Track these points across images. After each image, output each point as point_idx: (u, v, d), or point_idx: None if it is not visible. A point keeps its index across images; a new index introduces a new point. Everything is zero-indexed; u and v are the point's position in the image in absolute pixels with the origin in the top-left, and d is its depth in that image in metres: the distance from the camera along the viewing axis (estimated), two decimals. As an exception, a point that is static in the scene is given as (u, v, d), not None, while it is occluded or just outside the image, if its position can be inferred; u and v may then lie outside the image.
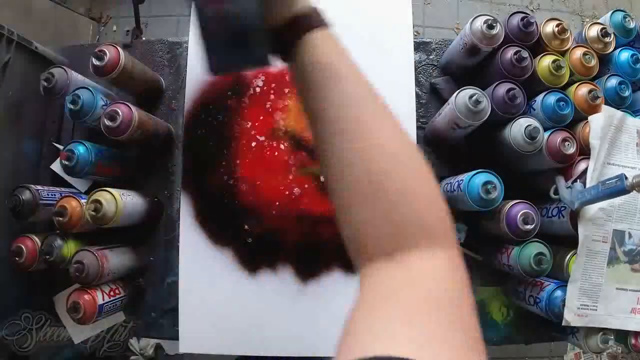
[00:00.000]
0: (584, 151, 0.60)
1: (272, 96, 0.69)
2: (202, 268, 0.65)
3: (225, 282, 0.65)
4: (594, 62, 0.62)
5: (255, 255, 0.66)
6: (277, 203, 0.66)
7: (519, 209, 0.57)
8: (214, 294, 0.65)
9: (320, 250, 0.65)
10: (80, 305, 0.56)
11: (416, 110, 0.68)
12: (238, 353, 0.64)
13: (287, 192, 0.66)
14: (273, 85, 0.69)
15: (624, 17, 0.66)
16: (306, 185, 0.66)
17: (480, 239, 0.67)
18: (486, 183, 0.56)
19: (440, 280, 0.26)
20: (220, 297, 0.65)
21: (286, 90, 0.69)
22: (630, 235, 0.59)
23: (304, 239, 0.65)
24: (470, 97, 0.56)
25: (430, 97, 0.74)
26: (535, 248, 0.57)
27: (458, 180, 0.60)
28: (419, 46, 0.75)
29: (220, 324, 0.64)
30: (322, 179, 0.66)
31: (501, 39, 0.61)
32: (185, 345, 0.64)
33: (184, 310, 0.64)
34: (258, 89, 0.69)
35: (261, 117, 0.68)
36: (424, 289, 0.25)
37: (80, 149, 0.60)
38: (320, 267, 0.65)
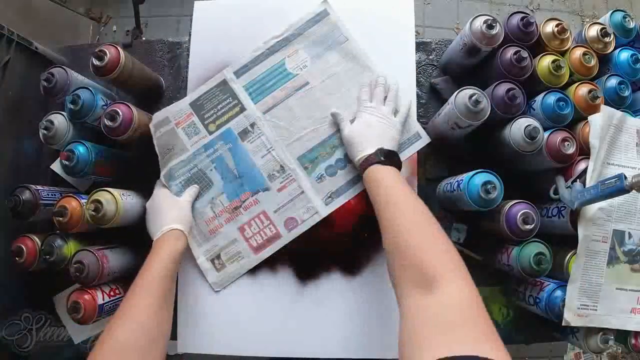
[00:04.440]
0: (584, 151, 0.60)
1: (272, 96, 0.69)
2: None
3: (225, 282, 0.65)
4: (593, 62, 0.62)
5: (255, 255, 0.66)
6: (277, 203, 0.66)
7: (519, 209, 0.57)
8: (213, 294, 0.65)
9: (320, 251, 0.65)
10: (80, 305, 0.56)
11: (416, 110, 0.68)
12: (237, 353, 0.64)
13: (287, 192, 0.66)
14: (273, 85, 0.69)
15: (624, 17, 0.65)
16: (306, 185, 0.66)
17: (480, 239, 0.67)
18: (486, 183, 0.56)
19: (463, 300, 0.38)
20: (219, 298, 0.65)
21: (286, 90, 0.69)
22: (630, 235, 0.59)
23: (303, 240, 0.65)
24: (470, 97, 0.56)
25: (430, 97, 0.74)
26: (535, 248, 0.57)
27: (458, 180, 0.60)
28: (419, 46, 0.75)
29: (220, 324, 0.64)
30: (322, 179, 0.66)
31: (501, 39, 0.61)
32: (184, 345, 0.64)
33: (183, 310, 0.64)
34: (258, 89, 0.69)
35: (261, 117, 0.68)
36: (454, 308, 0.37)
37: (80, 149, 0.60)
38: (320, 268, 0.65)
